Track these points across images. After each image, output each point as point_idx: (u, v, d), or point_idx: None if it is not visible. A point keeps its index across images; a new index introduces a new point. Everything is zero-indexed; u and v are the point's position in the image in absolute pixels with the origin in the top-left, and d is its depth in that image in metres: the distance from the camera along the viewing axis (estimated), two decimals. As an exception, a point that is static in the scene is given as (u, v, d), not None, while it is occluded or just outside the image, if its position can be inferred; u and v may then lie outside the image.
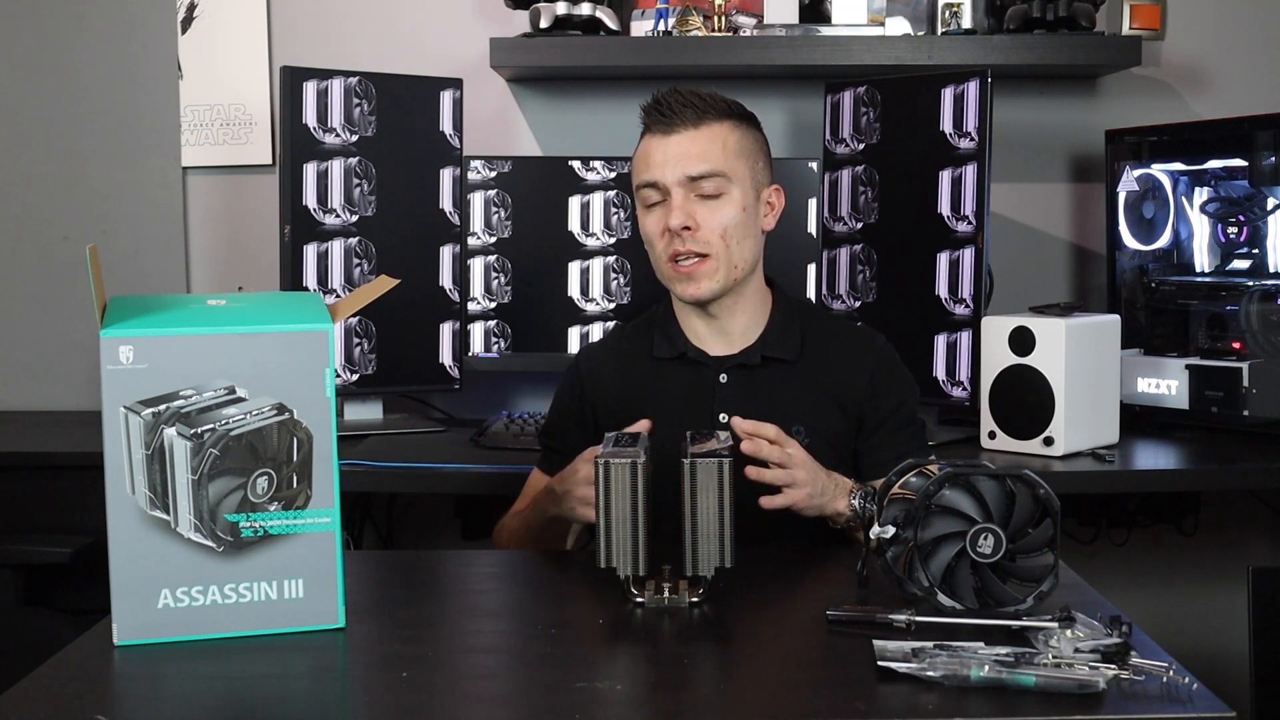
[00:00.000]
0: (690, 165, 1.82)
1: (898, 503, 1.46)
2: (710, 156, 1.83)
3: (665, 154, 1.83)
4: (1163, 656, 1.27)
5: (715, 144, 1.84)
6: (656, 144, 1.85)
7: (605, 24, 2.67)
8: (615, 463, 1.45)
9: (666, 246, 1.85)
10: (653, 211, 1.87)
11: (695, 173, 1.82)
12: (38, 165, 2.91)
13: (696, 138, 1.83)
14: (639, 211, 1.90)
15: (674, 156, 1.83)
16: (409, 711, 1.24)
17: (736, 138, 1.86)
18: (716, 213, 1.83)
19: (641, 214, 1.89)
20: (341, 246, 2.61)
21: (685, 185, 1.83)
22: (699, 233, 1.83)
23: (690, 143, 1.83)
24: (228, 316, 1.41)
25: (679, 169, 1.83)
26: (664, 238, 1.85)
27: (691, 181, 1.83)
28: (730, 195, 1.84)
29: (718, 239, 1.83)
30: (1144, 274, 2.69)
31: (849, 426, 1.90)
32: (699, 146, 1.83)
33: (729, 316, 1.90)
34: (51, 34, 2.88)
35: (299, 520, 1.41)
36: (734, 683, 1.34)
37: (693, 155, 1.83)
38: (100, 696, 1.29)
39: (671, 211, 1.83)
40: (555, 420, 2.01)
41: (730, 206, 1.84)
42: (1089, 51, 2.66)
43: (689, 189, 1.83)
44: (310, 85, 2.57)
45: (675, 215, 1.82)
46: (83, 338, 2.86)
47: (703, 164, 1.83)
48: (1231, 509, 2.87)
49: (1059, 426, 2.31)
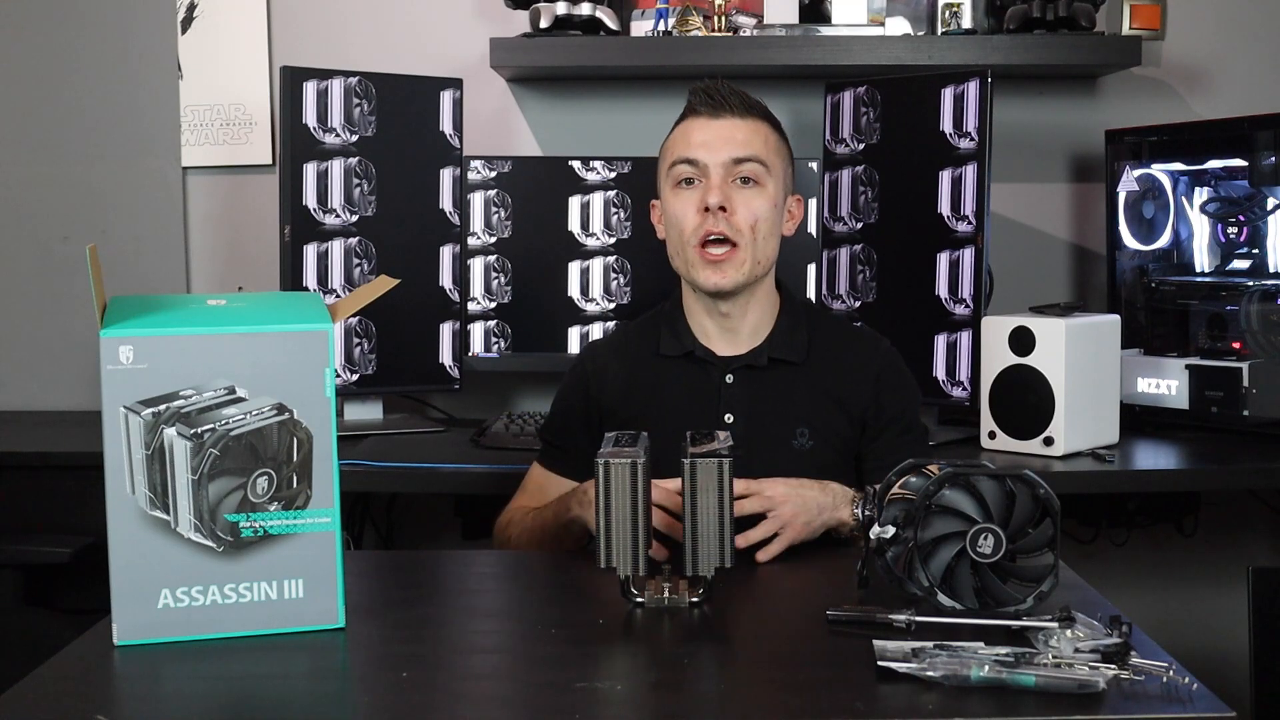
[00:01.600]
0: (735, 148, 1.84)
1: (898, 503, 1.46)
2: (754, 144, 1.86)
3: (710, 134, 1.85)
4: (1163, 656, 1.27)
5: (759, 135, 1.87)
6: (700, 124, 1.86)
7: (605, 24, 2.67)
8: (615, 463, 1.45)
9: (698, 228, 1.84)
10: (685, 191, 1.86)
11: (740, 155, 1.84)
12: (38, 165, 2.91)
13: (742, 125, 1.86)
14: (666, 192, 1.89)
15: (720, 138, 1.85)
16: (409, 711, 1.24)
17: (776, 139, 1.90)
18: (752, 201, 1.84)
19: (670, 194, 1.88)
20: (341, 246, 2.61)
21: (726, 167, 1.84)
22: (734, 217, 1.83)
23: (736, 129, 1.85)
24: (228, 316, 1.41)
25: (724, 150, 1.84)
26: (697, 216, 1.84)
27: (734, 164, 1.84)
28: (766, 187, 1.86)
29: (748, 228, 1.84)
30: (1144, 274, 2.69)
31: (852, 429, 1.91)
32: (744, 133, 1.86)
33: (740, 316, 1.90)
34: (51, 34, 2.88)
35: (299, 520, 1.41)
36: (734, 683, 1.33)
37: (739, 139, 1.85)
38: (100, 696, 1.29)
39: (710, 190, 1.83)
40: (558, 416, 2.01)
41: (765, 199, 1.85)
42: (1089, 51, 2.66)
43: (729, 172, 1.84)
44: (310, 85, 2.57)
45: (714, 194, 1.83)
46: (83, 338, 2.85)
47: (747, 148, 1.85)
48: (1231, 509, 2.87)
49: (1059, 426, 2.31)
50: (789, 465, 1.86)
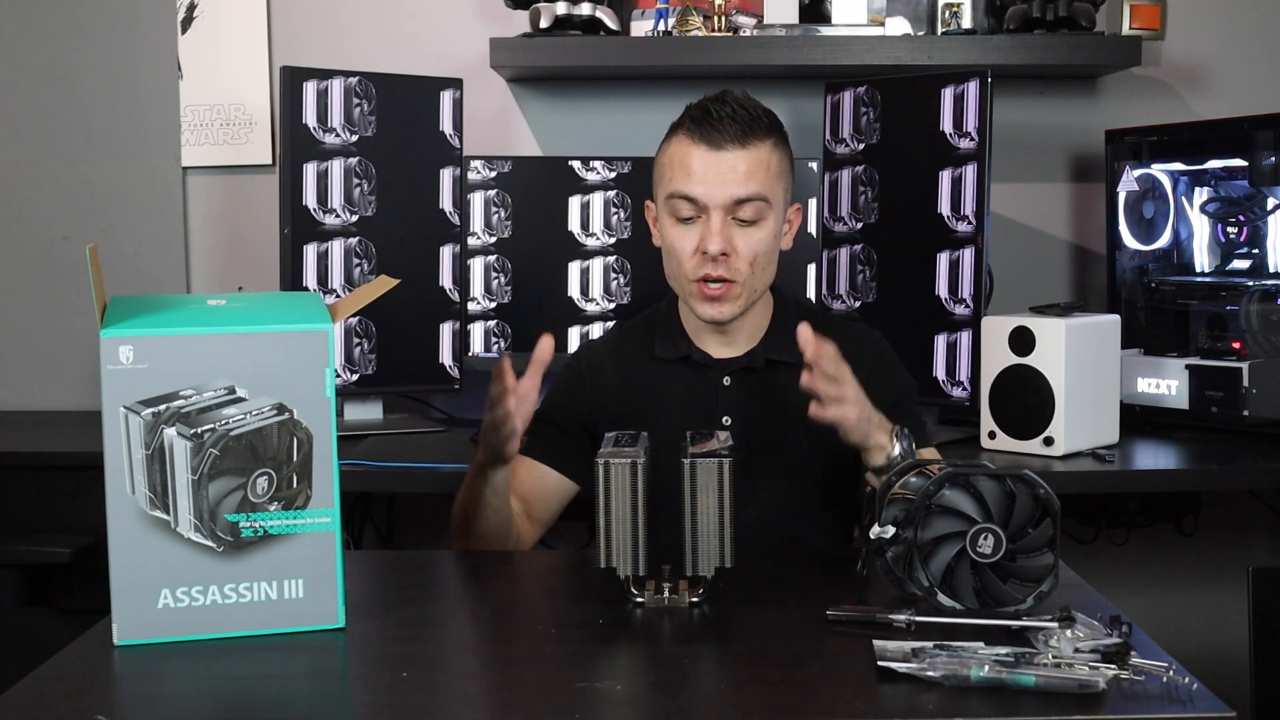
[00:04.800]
0: (736, 189, 1.78)
1: (898, 503, 1.46)
2: (755, 179, 1.79)
3: (710, 171, 1.78)
4: (1163, 656, 1.27)
5: (760, 167, 1.80)
6: (700, 157, 1.79)
7: (605, 24, 2.67)
8: (615, 463, 1.45)
9: (696, 267, 1.81)
10: (684, 227, 1.82)
11: (741, 195, 1.78)
12: (38, 165, 2.91)
13: (743, 158, 1.79)
14: (665, 220, 1.85)
15: (720, 177, 1.78)
16: (409, 711, 1.24)
17: (777, 159, 1.83)
18: (751, 239, 1.80)
19: (668, 224, 1.84)
20: (341, 246, 2.61)
21: (727, 208, 1.79)
22: (733, 259, 1.79)
23: (738, 161, 1.78)
24: (228, 316, 1.41)
25: (725, 191, 1.78)
26: (694, 258, 1.81)
27: (734, 205, 1.79)
28: (766, 221, 1.81)
29: (746, 266, 1.80)
30: (1144, 274, 2.69)
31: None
32: (744, 167, 1.78)
33: (736, 321, 1.88)
34: (51, 34, 2.88)
35: (299, 520, 1.41)
36: (734, 683, 1.33)
37: (739, 177, 1.78)
38: (100, 696, 1.29)
39: (710, 236, 1.78)
40: (546, 407, 1.93)
41: (764, 232, 1.81)
42: (1089, 51, 2.66)
43: (729, 211, 1.79)
44: (310, 85, 2.57)
45: (714, 241, 1.78)
46: (83, 338, 2.86)
47: (749, 185, 1.78)
48: (1231, 509, 2.87)
49: (1059, 426, 2.31)
50: (788, 466, 1.86)
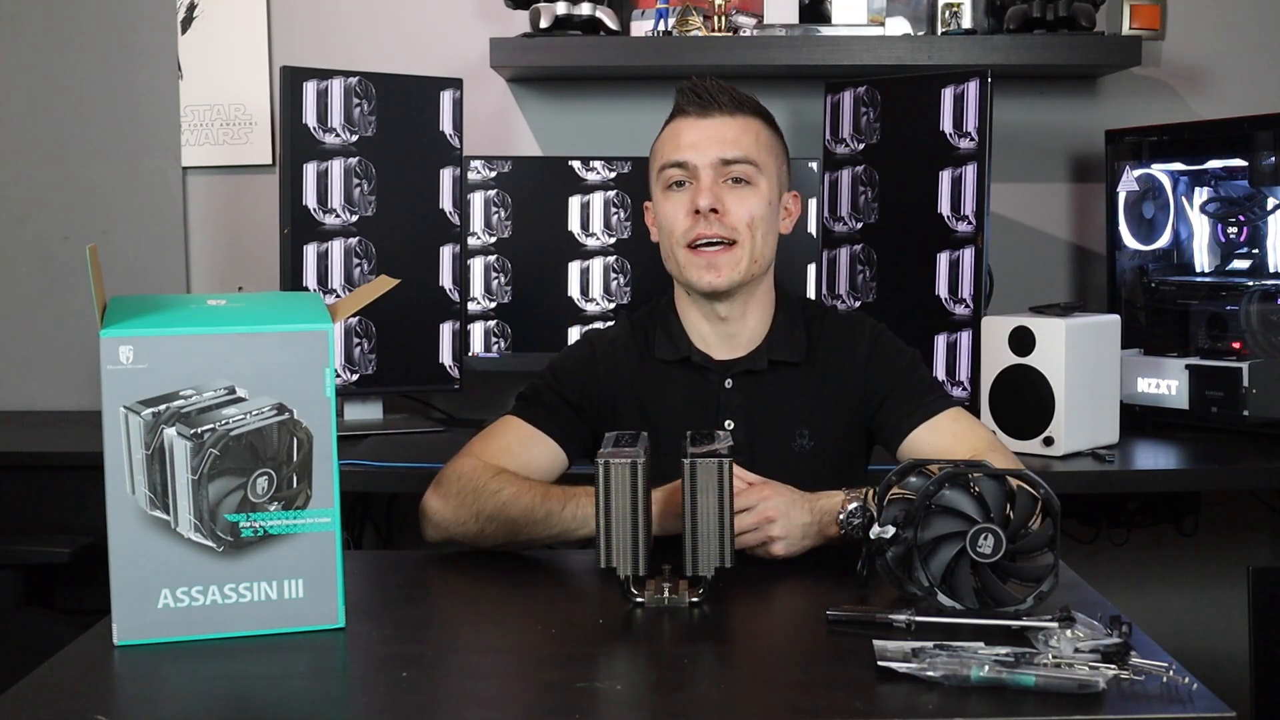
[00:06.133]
0: (725, 149, 1.80)
1: (898, 503, 1.46)
2: (744, 144, 1.82)
3: (699, 134, 1.81)
4: (1163, 656, 1.27)
5: (749, 133, 1.83)
6: (689, 124, 1.82)
7: (605, 24, 2.67)
8: (615, 463, 1.45)
9: (689, 230, 1.81)
10: (675, 193, 1.83)
11: (729, 156, 1.80)
12: (38, 165, 2.91)
13: (731, 124, 1.82)
14: (657, 195, 1.86)
15: (708, 138, 1.81)
16: (409, 711, 1.24)
17: (767, 134, 1.86)
18: (745, 200, 1.81)
19: (661, 197, 1.85)
20: (341, 246, 2.61)
21: (716, 168, 1.80)
22: (726, 217, 1.80)
23: (725, 127, 1.81)
24: (228, 316, 1.41)
25: (713, 151, 1.80)
26: (688, 219, 1.81)
27: (723, 165, 1.80)
28: (758, 186, 1.82)
29: (744, 226, 1.80)
30: (1144, 274, 2.69)
31: (853, 420, 1.88)
32: (733, 132, 1.81)
33: (739, 319, 1.86)
34: (51, 34, 2.88)
35: (299, 520, 1.41)
36: (734, 683, 1.33)
37: (728, 139, 1.81)
38: (100, 696, 1.29)
39: (700, 192, 1.80)
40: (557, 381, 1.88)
41: (757, 197, 1.82)
42: (1089, 51, 2.66)
43: (719, 172, 1.81)
44: (310, 85, 2.57)
45: (704, 196, 1.79)
46: (83, 338, 2.85)
47: (737, 149, 1.81)
48: (1231, 509, 2.87)
49: (1059, 426, 2.31)
50: (789, 468, 1.85)
